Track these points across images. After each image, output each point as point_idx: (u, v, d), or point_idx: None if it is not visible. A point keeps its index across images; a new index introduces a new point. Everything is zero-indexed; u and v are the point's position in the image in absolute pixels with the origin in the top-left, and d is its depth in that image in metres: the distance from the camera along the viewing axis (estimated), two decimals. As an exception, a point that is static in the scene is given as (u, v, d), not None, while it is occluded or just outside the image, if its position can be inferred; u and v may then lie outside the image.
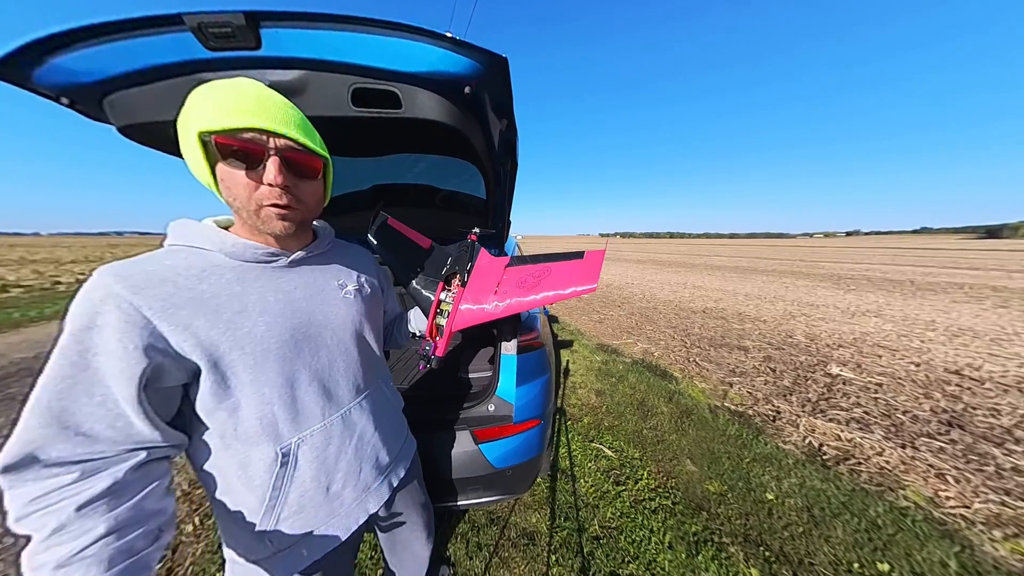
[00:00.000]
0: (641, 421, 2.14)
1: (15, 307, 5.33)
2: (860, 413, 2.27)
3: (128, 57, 0.58)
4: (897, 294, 6.60)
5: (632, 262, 15.11)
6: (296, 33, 0.56)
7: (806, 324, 4.43)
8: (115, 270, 0.41)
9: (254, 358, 0.46)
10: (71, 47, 0.55)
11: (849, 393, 2.55)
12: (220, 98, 0.42)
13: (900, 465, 1.77)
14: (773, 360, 3.20)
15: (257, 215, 0.46)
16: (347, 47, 0.58)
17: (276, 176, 0.43)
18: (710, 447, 1.88)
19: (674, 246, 40.62)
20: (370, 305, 0.65)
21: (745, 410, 2.31)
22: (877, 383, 2.72)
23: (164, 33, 0.55)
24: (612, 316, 4.95)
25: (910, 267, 12.15)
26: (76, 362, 0.37)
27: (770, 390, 2.60)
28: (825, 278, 9.09)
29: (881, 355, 3.33)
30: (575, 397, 2.46)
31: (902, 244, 42.06)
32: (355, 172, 1.24)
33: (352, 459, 0.58)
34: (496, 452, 1.07)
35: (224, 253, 0.47)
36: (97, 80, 0.61)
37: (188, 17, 0.52)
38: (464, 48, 0.56)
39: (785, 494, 1.55)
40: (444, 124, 0.69)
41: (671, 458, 1.79)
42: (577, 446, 1.87)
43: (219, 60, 0.58)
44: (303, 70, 0.62)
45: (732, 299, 6.11)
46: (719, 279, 8.90)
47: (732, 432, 2.03)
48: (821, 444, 1.94)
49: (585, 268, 0.74)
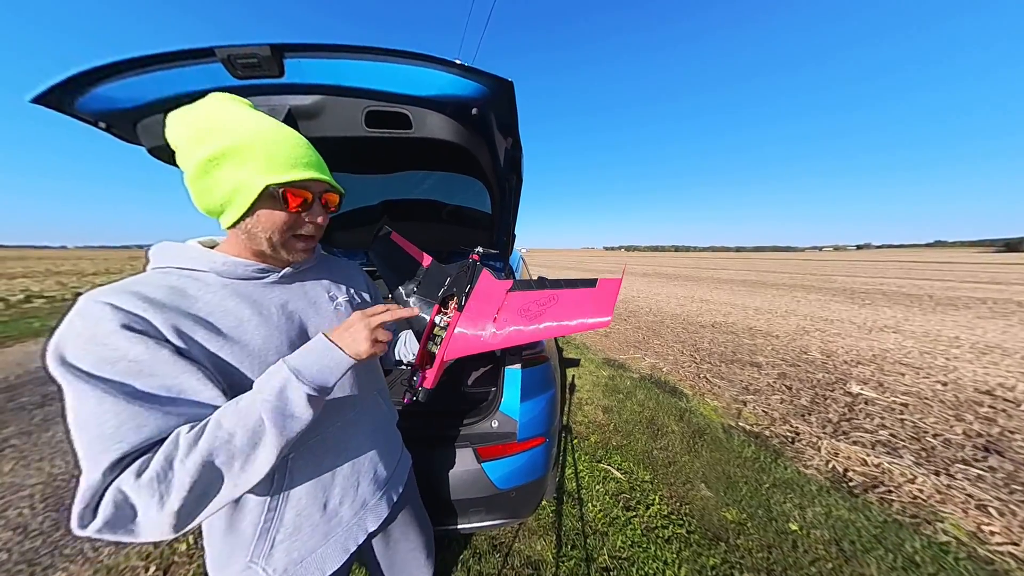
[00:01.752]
0: (651, 440, 2.05)
1: (36, 317, 5.51)
2: (886, 436, 2.14)
3: (163, 85, 0.63)
4: (916, 309, 6.37)
5: (638, 275, 15.03)
6: (317, 62, 0.60)
7: (821, 340, 4.28)
8: (112, 290, 0.40)
9: (252, 372, 0.46)
10: (112, 78, 0.60)
11: (872, 414, 2.41)
12: (276, 151, 0.44)
13: (935, 494, 1.64)
14: (788, 377, 3.07)
15: (284, 246, 0.50)
16: (363, 74, 0.62)
17: (324, 219, 0.51)
18: (725, 470, 1.78)
19: (679, 259, 40.43)
20: None
21: (761, 431, 2.19)
22: (902, 403, 2.57)
23: (197, 64, 0.59)
24: (618, 330, 4.87)
25: (927, 281, 11.77)
26: (120, 366, 0.37)
27: (787, 409, 2.48)
28: (838, 292, 8.85)
29: (904, 373, 3.17)
30: (581, 414, 2.38)
31: (916, 257, 40.99)
32: (366, 188, 1.29)
33: (349, 473, 0.56)
34: (499, 472, 1.02)
35: (215, 272, 0.48)
36: (133, 107, 0.66)
37: (219, 50, 0.57)
38: (471, 73, 0.60)
39: (810, 524, 1.44)
40: (452, 143, 0.72)
41: (684, 482, 1.69)
42: (584, 467, 1.79)
43: (245, 87, 0.63)
44: (321, 95, 0.66)
45: (742, 313, 5.97)
46: (727, 293, 8.75)
47: (748, 454, 1.92)
48: (846, 469, 1.82)
49: (598, 298, 0.66)
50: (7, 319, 5.31)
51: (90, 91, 0.62)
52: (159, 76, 0.61)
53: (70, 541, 1.35)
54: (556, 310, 0.66)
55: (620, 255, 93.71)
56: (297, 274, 0.56)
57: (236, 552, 0.48)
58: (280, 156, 0.45)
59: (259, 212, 0.46)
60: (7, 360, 3.52)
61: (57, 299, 7.39)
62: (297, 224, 0.49)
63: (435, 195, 1.36)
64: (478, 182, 1.09)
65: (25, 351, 3.82)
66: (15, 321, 5.19)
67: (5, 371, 3.20)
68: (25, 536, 1.38)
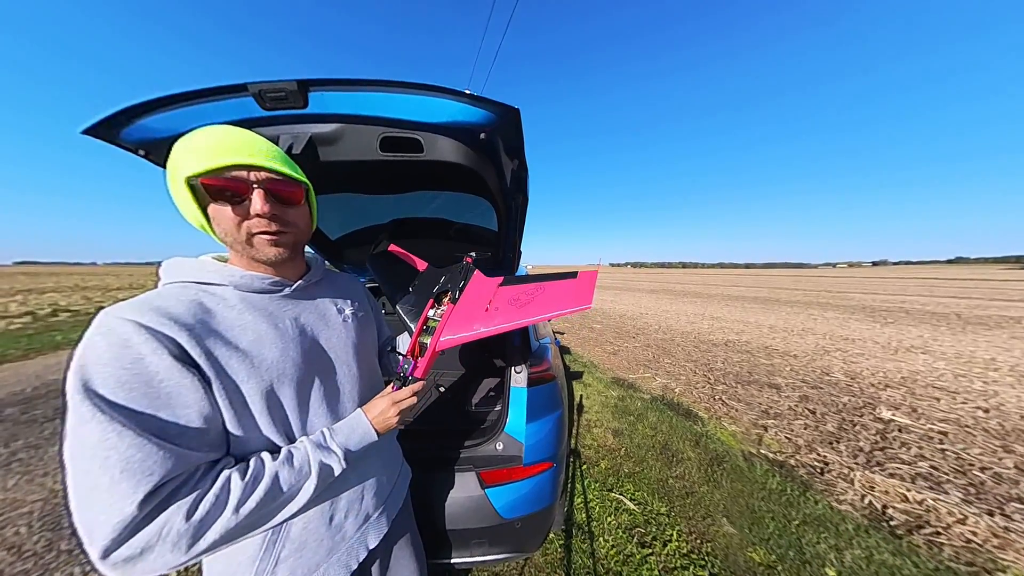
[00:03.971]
0: (666, 468, 1.92)
1: (59, 330, 5.73)
2: (927, 468, 1.95)
3: (198, 117, 0.68)
4: (943, 328, 6.05)
5: (645, 292, 14.83)
6: (338, 95, 0.65)
7: (843, 360, 4.07)
8: (134, 307, 0.40)
9: (270, 384, 0.46)
10: (155, 111, 0.67)
11: (908, 443, 2.22)
12: (199, 144, 0.44)
13: (991, 538, 1.46)
14: (811, 400, 2.89)
15: (250, 244, 0.48)
16: (380, 104, 0.67)
17: (262, 206, 0.45)
18: (749, 503, 1.64)
19: (687, 276, 39.88)
20: (366, 329, 0.68)
21: (786, 459, 2.04)
22: (940, 431, 2.37)
23: (231, 98, 0.65)
24: (627, 348, 4.74)
25: (952, 299, 11.25)
26: (146, 392, 0.37)
27: (812, 436, 2.31)
28: (857, 310, 8.52)
29: (939, 398, 2.95)
30: (590, 437, 2.27)
31: (937, 274, 39.46)
32: (379, 208, 1.35)
33: (354, 486, 0.57)
34: (504, 499, 0.97)
35: (233, 285, 0.49)
36: (171, 136, 0.72)
37: (252, 86, 0.63)
38: (479, 101, 0.65)
39: (850, 570, 1.29)
40: (460, 165, 0.76)
41: (704, 515, 1.56)
42: (594, 496, 1.68)
43: (272, 117, 0.69)
44: (341, 123, 0.71)
45: (756, 331, 5.77)
46: (739, 310, 8.52)
47: (774, 486, 1.77)
48: (885, 506, 1.66)
49: (579, 288, 0.74)
50: (33, 332, 5.54)
51: (134, 123, 0.68)
52: (196, 109, 0.67)
53: (62, 563, 1.32)
54: (543, 299, 0.74)
55: (626, 271, 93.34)
56: (308, 288, 0.58)
57: (238, 571, 0.47)
58: (201, 149, 0.43)
59: (212, 214, 0.46)
60: (27, 372, 3.63)
61: (81, 313, 7.70)
62: (246, 217, 0.46)
63: (443, 214, 1.41)
64: (485, 201, 1.12)
65: (45, 363, 3.94)
66: (40, 334, 5.40)
67: (24, 383, 3.28)
68: (19, 557, 1.35)
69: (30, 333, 5.45)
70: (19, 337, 5.15)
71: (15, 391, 3.08)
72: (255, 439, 0.46)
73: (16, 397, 2.93)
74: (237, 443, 0.45)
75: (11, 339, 5.01)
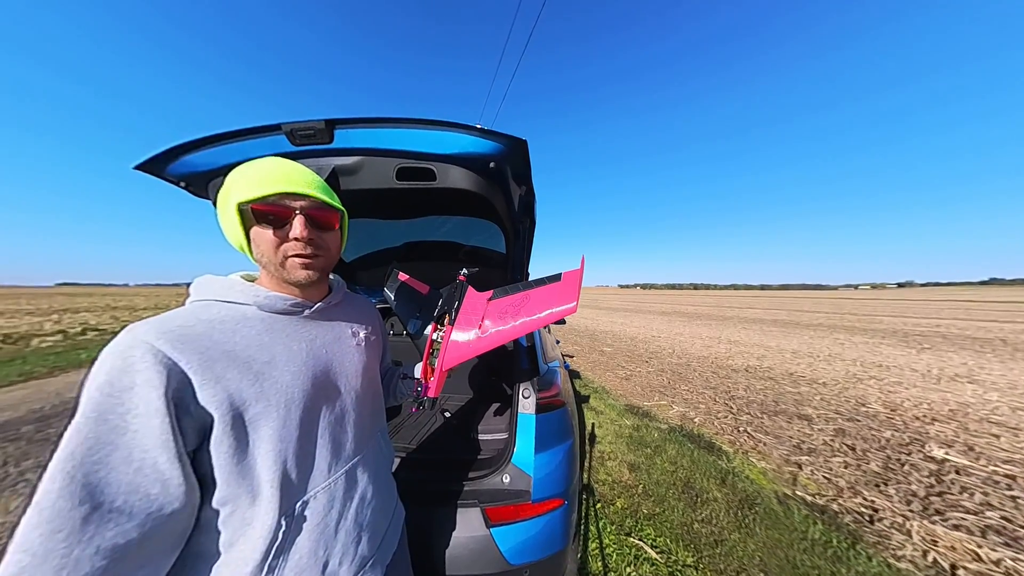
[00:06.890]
0: (690, 510, 1.74)
1: (85, 348, 5.98)
2: (996, 519, 1.70)
3: (235, 153, 0.76)
4: (989, 355, 5.56)
5: (656, 313, 14.47)
6: (361, 131, 0.72)
7: (879, 389, 3.75)
8: (155, 327, 0.41)
9: (277, 409, 0.46)
10: (199, 148, 0.75)
11: (969, 487, 1.96)
12: (252, 174, 0.49)
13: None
14: (848, 435, 2.64)
15: (283, 266, 0.51)
16: (398, 138, 0.73)
17: (301, 231, 0.49)
18: (789, 556, 1.45)
19: (699, 297, 38.90)
20: (376, 354, 0.68)
21: (827, 503, 1.82)
22: (1007, 474, 2.09)
23: (266, 136, 0.73)
24: (639, 372, 4.54)
25: (994, 323, 10.44)
26: (116, 426, 0.36)
27: (855, 476, 2.07)
28: (887, 334, 8.00)
29: (998, 434, 2.64)
30: (604, 471, 2.10)
31: (971, 296, 37.19)
32: (393, 232, 1.42)
33: (352, 526, 0.53)
34: (511, 541, 0.88)
35: (257, 305, 0.51)
36: (210, 170, 0.80)
37: (285, 125, 0.71)
38: (489, 135, 0.71)
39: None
40: (471, 191, 0.81)
41: (738, 569, 1.38)
42: (611, 541, 1.52)
43: (301, 152, 0.75)
44: (362, 156, 0.78)
45: (778, 356, 5.46)
46: (757, 333, 8.14)
47: (816, 535, 1.57)
48: (954, 565, 1.43)
49: (563, 289, 0.75)
50: (61, 350, 5.80)
51: (180, 159, 0.76)
52: (235, 147, 0.74)
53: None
54: (530, 306, 0.75)
55: (636, 293, 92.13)
56: (327, 310, 0.59)
57: None
58: (253, 179, 0.48)
59: (253, 236, 0.49)
60: (48, 390, 3.75)
61: (107, 332, 8.07)
62: (284, 240, 0.50)
63: (454, 237, 1.47)
64: (494, 225, 1.17)
65: (67, 381, 4.07)
66: (67, 352, 5.64)
67: (43, 401, 3.38)
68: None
69: (59, 351, 5.71)
70: (48, 355, 5.39)
71: (34, 408, 3.16)
72: (249, 477, 0.44)
73: (35, 415, 3.00)
74: (227, 486, 0.43)
75: (40, 356, 5.25)
